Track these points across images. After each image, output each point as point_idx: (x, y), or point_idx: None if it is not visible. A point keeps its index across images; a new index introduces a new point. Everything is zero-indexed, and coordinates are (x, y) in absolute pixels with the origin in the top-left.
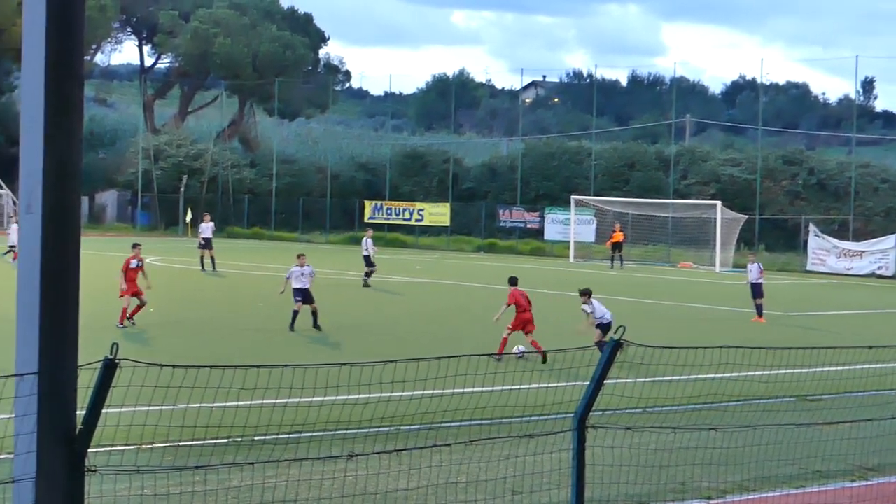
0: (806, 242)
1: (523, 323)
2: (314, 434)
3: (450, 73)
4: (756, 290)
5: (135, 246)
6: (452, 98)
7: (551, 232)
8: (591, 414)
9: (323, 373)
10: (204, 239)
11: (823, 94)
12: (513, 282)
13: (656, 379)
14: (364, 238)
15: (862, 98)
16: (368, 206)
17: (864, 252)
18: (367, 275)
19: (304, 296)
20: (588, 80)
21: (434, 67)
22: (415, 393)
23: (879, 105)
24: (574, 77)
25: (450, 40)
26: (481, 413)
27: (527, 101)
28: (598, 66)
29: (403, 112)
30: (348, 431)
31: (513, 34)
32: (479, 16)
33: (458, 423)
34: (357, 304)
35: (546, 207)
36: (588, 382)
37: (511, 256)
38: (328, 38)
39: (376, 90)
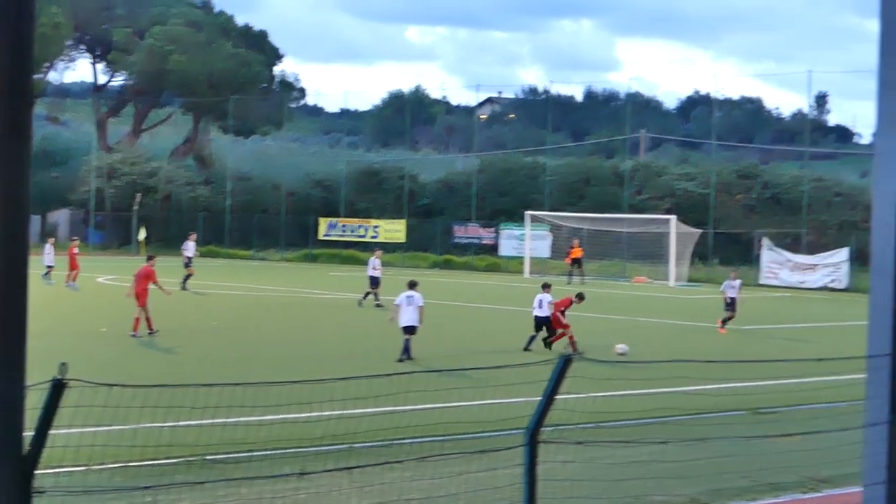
0: (759, 256)
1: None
2: (266, 452)
3: (405, 90)
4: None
5: (150, 258)
6: (408, 114)
7: (507, 248)
8: (543, 429)
9: (275, 391)
10: (187, 257)
11: (777, 108)
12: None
13: (609, 394)
14: (371, 258)
15: (815, 113)
16: (324, 223)
17: (817, 265)
18: (375, 295)
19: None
20: (543, 96)
21: (389, 83)
22: (367, 410)
23: (833, 119)
24: (530, 93)
25: (404, 56)
26: (433, 429)
27: (482, 117)
28: (553, 82)
29: (359, 129)
30: (300, 449)
31: (467, 50)
32: (433, 31)
33: (411, 440)
34: (311, 321)
35: (501, 223)
36: (540, 398)
37: (467, 272)
38: (283, 55)
39: (332, 107)
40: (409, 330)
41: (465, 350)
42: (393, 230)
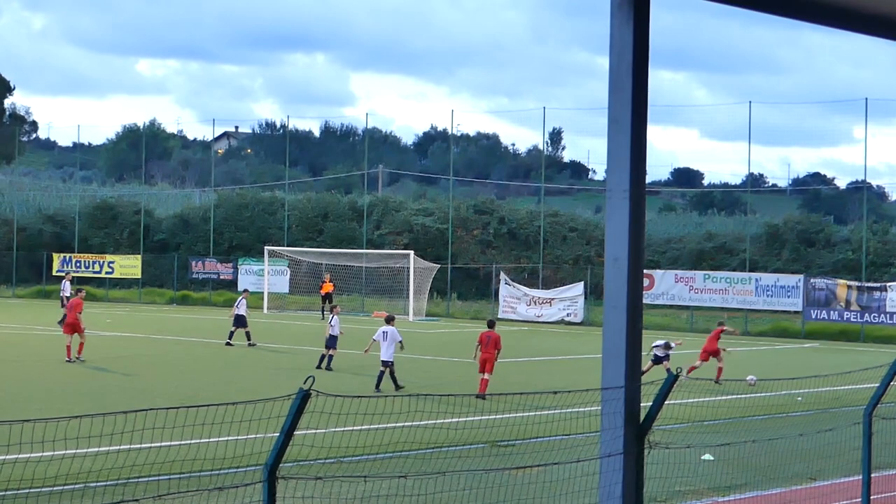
0: (497, 290)
1: (482, 363)
2: None
3: (140, 123)
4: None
5: (80, 290)
6: (143, 148)
7: (245, 283)
8: (282, 465)
9: (4, 430)
10: None
11: (513, 144)
12: (490, 324)
13: (348, 428)
14: (239, 298)
15: (550, 149)
16: (57, 258)
17: (553, 299)
18: (248, 335)
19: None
20: (281, 131)
21: (123, 117)
22: (101, 448)
23: (567, 155)
24: (266, 127)
25: (136, 89)
26: (170, 467)
27: (219, 151)
28: (290, 117)
29: (93, 163)
30: (32, 490)
31: (199, 83)
32: (165, 64)
33: (147, 478)
34: (42, 358)
35: (239, 258)
36: (278, 433)
37: (205, 308)
38: (13, 88)
39: (65, 141)
40: (386, 363)
41: (203, 387)
42: (128, 266)
